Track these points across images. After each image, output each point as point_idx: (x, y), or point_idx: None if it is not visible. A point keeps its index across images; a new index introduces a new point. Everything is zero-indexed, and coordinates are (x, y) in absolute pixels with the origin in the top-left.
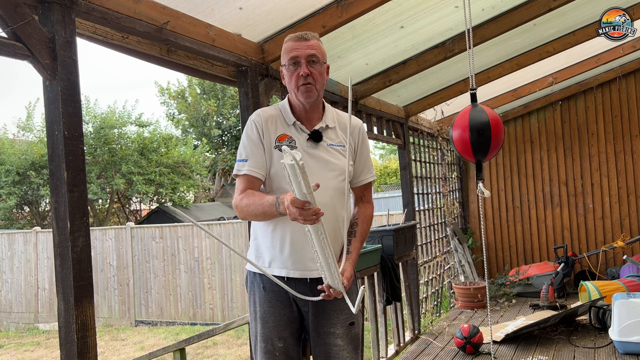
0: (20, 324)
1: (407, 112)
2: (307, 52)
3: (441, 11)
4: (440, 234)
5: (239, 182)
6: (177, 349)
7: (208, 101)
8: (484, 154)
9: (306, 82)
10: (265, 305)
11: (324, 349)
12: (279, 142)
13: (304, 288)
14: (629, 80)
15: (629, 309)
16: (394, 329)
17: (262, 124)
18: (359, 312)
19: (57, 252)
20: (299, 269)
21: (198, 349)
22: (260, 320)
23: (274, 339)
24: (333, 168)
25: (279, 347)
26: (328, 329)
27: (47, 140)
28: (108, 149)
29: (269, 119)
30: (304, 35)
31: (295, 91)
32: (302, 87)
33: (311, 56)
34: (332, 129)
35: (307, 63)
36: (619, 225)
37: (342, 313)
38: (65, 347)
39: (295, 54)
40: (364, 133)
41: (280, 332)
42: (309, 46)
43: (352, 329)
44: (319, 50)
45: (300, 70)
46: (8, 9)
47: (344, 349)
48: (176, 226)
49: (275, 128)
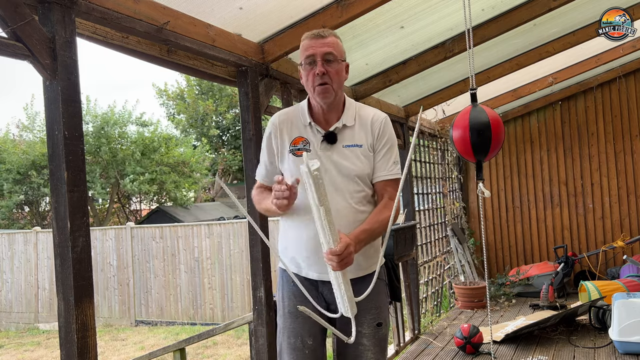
0: (21, 324)
1: (407, 112)
2: (324, 50)
3: (441, 11)
4: (440, 234)
5: (256, 183)
6: (177, 349)
7: (206, 101)
8: (484, 154)
9: (322, 82)
10: (296, 300)
11: (350, 348)
12: (293, 146)
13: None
14: (629, 80)
15: (629, 309)
16: (394, 329)
17: (277, 129)
18: (387, 313)
19: (57, 252)
20: (316, 271)
21: (198, 349)
22: (290, 315)
23: (304, 336)
24: (346, 171)
25: (309, 344)
26: (355, 328)
27: (47, 140)
28: (109, 148)
29: (285, 122)
30: (321, 33)
31: (312, 92)
32: (318, 87)
33: (327, 54)
34: (350, 127)
35: (323, 62)
36: (619, 225)
37: (370, 313)
38: (66, 347)
39: (311, 52)
40: (385, 127)
41: (311, 329)
42: (325, 43)
43: (379, 330)
44: (336, 48)
45: (316, 69)
46: (8, 9)
47: (369, 350)
48: (176, 226)
49: (290, 131)
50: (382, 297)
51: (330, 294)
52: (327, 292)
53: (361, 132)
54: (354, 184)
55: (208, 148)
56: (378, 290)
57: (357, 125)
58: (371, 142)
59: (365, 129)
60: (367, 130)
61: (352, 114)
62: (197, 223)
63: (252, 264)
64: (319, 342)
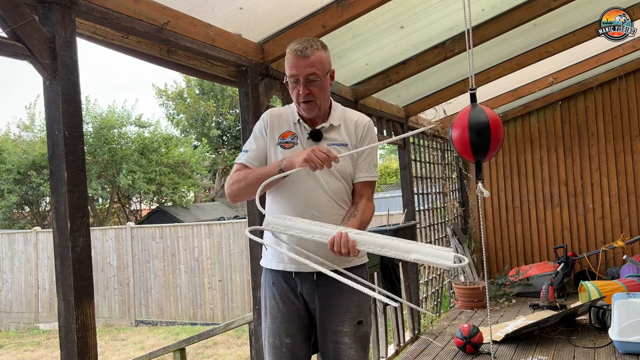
0: (21, 324)
1: (407, 112)
2: (307, 71)
3: (441, 11)
4: (440, 234)
5: (235, 167)
6: (177, 349)
7: (207, 101)
8: (483, 154)
9: (306, 100)
10: (274, 301)
11: (332, 347)
12: (282, 139)
13: (309, 280)
14: (629, 80)
15: (629, 309)
16: (394, 329)
17: (269, 120)
18: (369, 311)
19: (57, 252)
20: (295, 262)
21: (198, 349)
22: (270, 315)
23: (281, 335)
24: (331, 169)
25: (286, 343)
26: (336, 327)
27: (47, 140)
28: (108, 148)
29: (276, 116)
30: (304, 52)
31: (297, 105)
32: (302, 104)
33: (310, 75)
34: (336, 127)
35: (306, 82)
36: (619, 225)
37: (351, 311)
38: (66, 347)
39: (295, 72)
40: (369, 130)
41: (288, 329)
42: (309, 64)
43: (360, 328)
44: (320, 66)
45: (300, 88)
46: (8, 9)
47: (351, 348)
48: (176, 226)
49: (280, 125)
50: (363, 296)
51: (310, 295)
52: (306, 291)
53: (346, 133)
54: (337, 181)
55: (208, 148)
56: None
57: (343, 126)
58: (355, 144)
59: (349, 130)
60: (351, 131)
61: (339, 115)
62: (197, 223)
63: (252, 264)
64: (298, 341)
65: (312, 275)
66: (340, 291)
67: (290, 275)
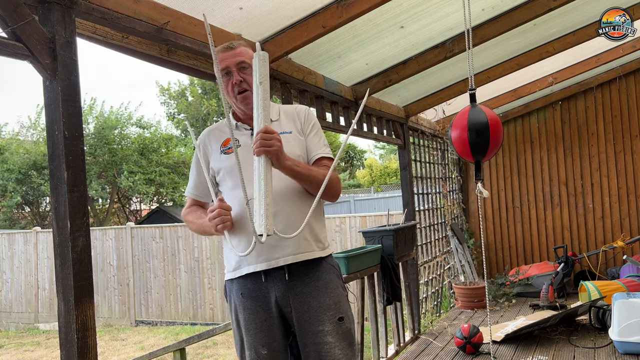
0: (21, 324)
1: (407, 112)
2: (236, 60)
3: (441, 11)
4: (440, 234)
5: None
6: (177, 349)
7: (209, 101)
8: (482, 154)
9: (241, 90)
10: (245, 313)
11: (315, 349)
12: (224, 147)
13: (281, 280)
14: (629, 80)
15: (629, 309)
16: (394, 329)
17: (203, 140)
18: (348, 306)
19: (57, 252)
20: (264, 260)
21: (198, 349)
22: (244, 328)
23: (257, 347)
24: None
25: (263, 354)
26: (316, 327)
27: (47, 140)
28: (109, 149)
29: (211, 132)
30: (230, 45)
31: (235, 101)
32: (239, 96)
33: (240, 63)
34: (275, 121)
35: (238, 70)
36: (619, 225)
37: (329, 309)
38: (66, 347)
39: (225, 64)
40: (309, 114)
41: (263, 339)
42: (236, 54)
43: (342, 324)
44: (247, 56)
45: (233, 78)
46: (8, 9)
47: (335, 346)
48: (176, 226)
49: (219, 137)
50: (338, 291)
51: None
52: (279, 294)
53: (288, 122)
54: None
55: None
56: (335, 284)
57: (283, 117)
58: (299, 127)
59: (291, 118)
60: (293, 118)
61: (275, 110)
62: None
63: None
64: (275, 349)
65: (284, 275)
66: (315, 289)
67: (261, 280)
